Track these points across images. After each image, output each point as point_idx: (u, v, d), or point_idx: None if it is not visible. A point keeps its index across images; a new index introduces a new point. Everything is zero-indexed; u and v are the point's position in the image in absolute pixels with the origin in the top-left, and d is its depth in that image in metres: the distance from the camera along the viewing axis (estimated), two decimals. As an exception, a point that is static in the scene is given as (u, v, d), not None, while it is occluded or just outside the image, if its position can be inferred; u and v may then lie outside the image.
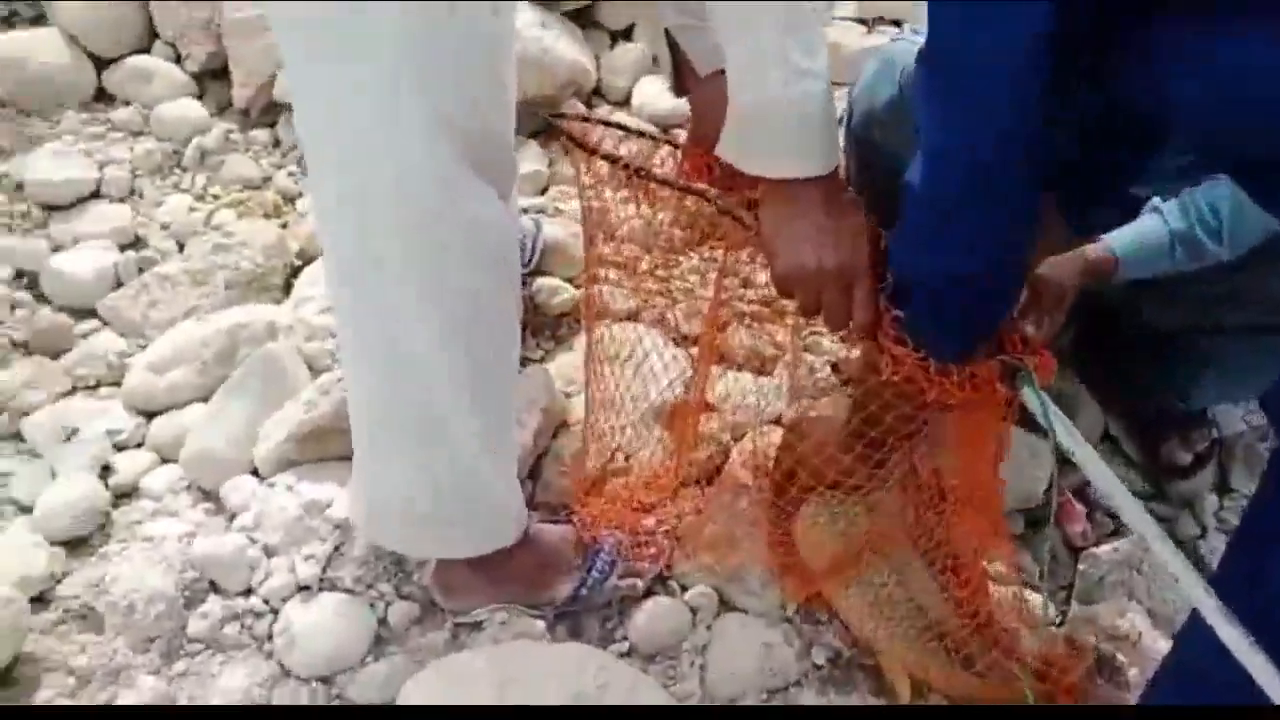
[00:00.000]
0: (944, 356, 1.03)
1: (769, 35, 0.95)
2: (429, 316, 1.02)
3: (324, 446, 1.35)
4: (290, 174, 1.94)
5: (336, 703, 1.18)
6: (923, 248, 0.98)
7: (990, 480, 1.19)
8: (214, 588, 1.26)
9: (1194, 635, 0.97)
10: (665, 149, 1.35)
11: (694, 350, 1.71)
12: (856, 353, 1.61)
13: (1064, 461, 1.03)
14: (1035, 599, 1.39)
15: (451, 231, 1.00)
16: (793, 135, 1.00)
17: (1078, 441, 1.01)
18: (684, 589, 1.34)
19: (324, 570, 1.26)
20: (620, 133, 1.28)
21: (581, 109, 2.01)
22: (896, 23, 2.29)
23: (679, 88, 1.27)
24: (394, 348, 1.04)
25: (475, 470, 1.14)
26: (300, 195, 1.90)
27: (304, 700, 1.16)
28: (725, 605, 1.33)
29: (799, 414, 1.50)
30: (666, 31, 1.21)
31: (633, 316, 1.71)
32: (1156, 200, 1.31)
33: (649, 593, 1.33)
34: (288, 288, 1.74)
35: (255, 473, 1.39)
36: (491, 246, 1.05)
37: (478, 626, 1.26)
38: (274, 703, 1.16)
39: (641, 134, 1.29)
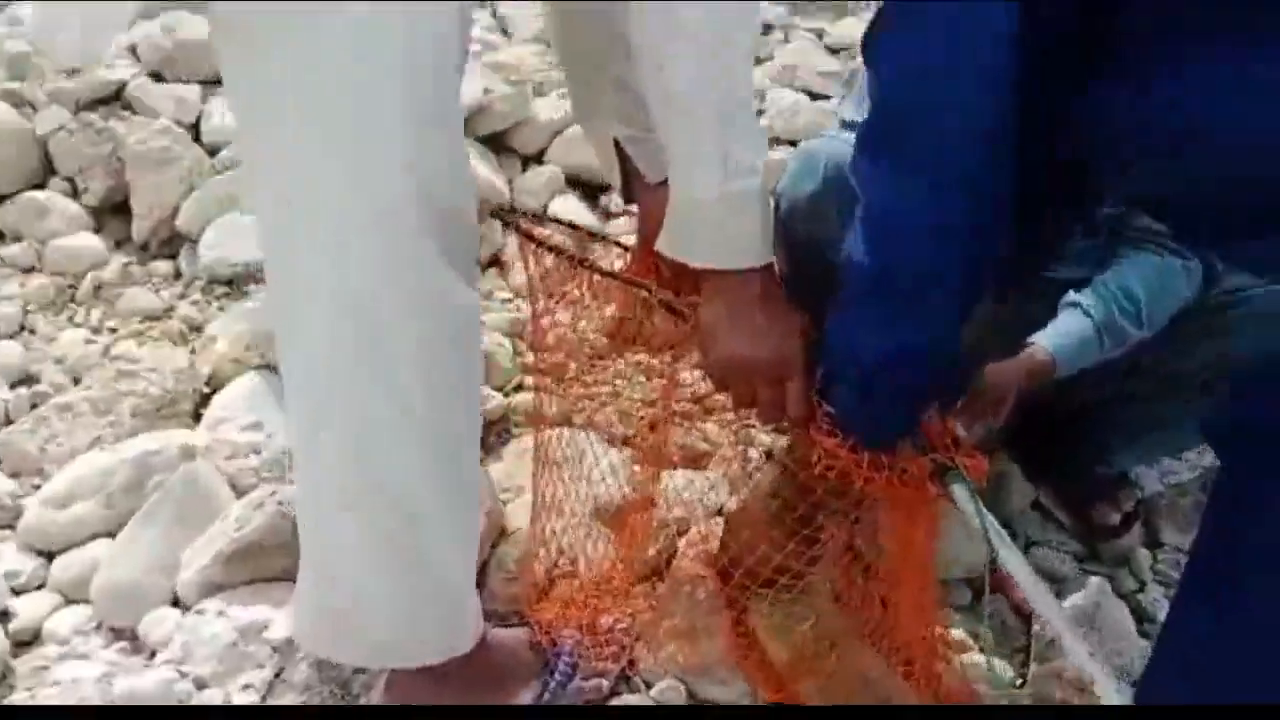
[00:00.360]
0: (876, 439, 1.04)
1: (709, 134, 1.00)
2: (407, 406, 0.98)
3: (256, 567, 1.26)
4: (194, 303, 1.88)
5: (287, 844, 1.07)
6: (862, 321, 1.00)
7: (924, 560, 1.20)
8: (140, 730, 1.14)
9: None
10: (613, 250, 1.38)
11: (628, 450, 1.71)
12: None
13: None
14: (997, 663, 1.40)
15: (435, 319, 0.97)
16: (730, 229, 1.05)
17: (1005, 542, 1.04)
18: (648, 685, 1.28)
19: (264, 699, 1.16)
20: (569, 230, 1.30)
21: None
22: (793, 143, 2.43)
23: (627, 195, 1.30)
24: (368, 441, 0.98)
25: (445, 570, 1.08)
26: (206, 323, 1.84)
27: (251, 844, 1.05)
28: (693, 698, 1.28)
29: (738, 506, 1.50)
30: (615, 142, 1.24)
31: (566, 421, 1.69)
32: (1072, 294, 1.39)
33: (613, 693, 1.27)
34: (197, 416, 1.66)
35: (176, 604, 1.29)
36: (469, 336, 1.02)
37: (437, 747, 1.17)
38: None
39: (591, 234, 1.31)
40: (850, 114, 1.65)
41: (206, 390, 1.70)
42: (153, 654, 1.23)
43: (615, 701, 1.25)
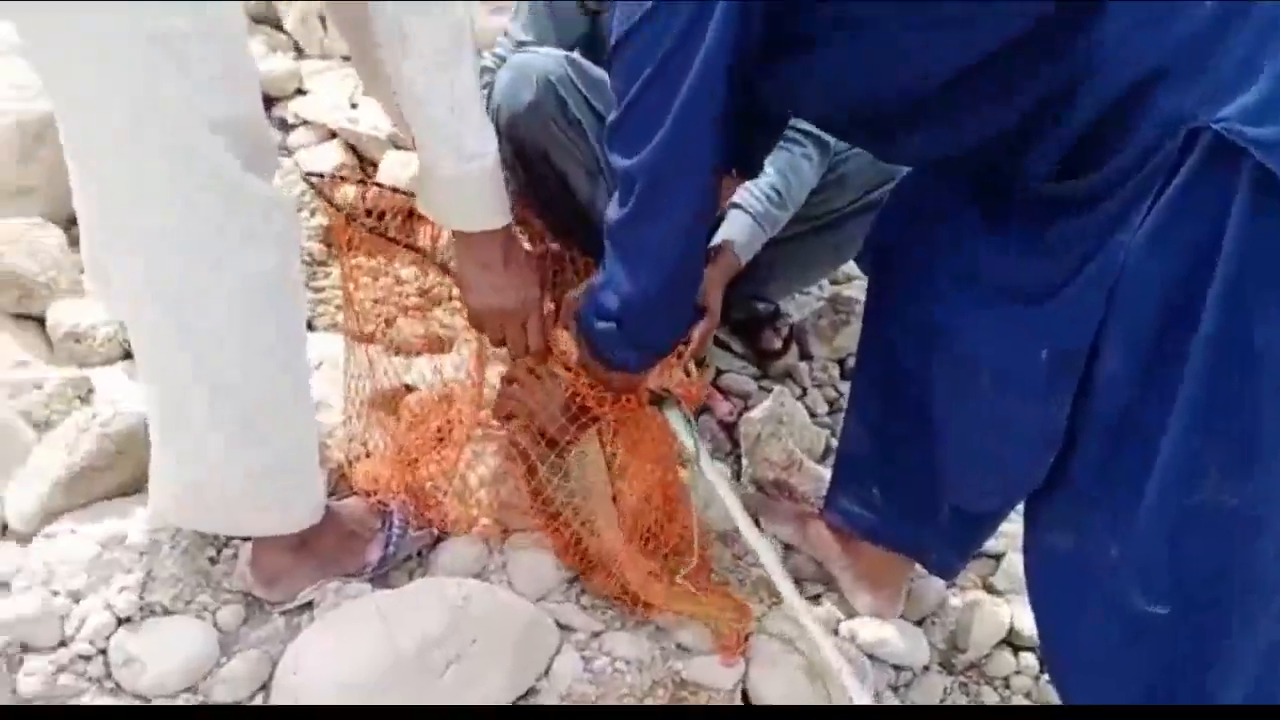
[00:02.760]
0: (632, 368, 1.36)
1: (444, 126, 1.22)
2: (243, 299, 1.12)
3: (91, 487, 1.32)
4: None
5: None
6: (625, 278, 1.25)
7: (658, 453, 1.55)
8: (26, 648, 1.19)
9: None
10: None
11: (370, 347, 1.87)
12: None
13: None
14: (718, 464, 1.80)
15: (243, 215, 1.09)
16: (469, 200, 1.30)
17: (704, 453, 1.45)
18: (467, 528, 1.52)
19: (141, 598, 1.25)
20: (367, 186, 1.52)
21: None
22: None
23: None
24: (212, 333, 1.12)
25: (293, 445, 1.24)
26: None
27: (178, 713, 1.17)
28: (506, 531, 1.54)
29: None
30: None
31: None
32: (735, 198, 1.73)
33: (438, 539, 1.50)
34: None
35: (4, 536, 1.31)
36: (279, 225, 1.15)
37: (307, 607, 1.33)
38: (148, 725, 1.15)
39: (394, 189, 1.53)
40: (519, 34, 1.89)
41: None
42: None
43: (445, 545, 1.48)
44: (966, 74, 1.07)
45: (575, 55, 1.74)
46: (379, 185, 1.56)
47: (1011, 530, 1.74)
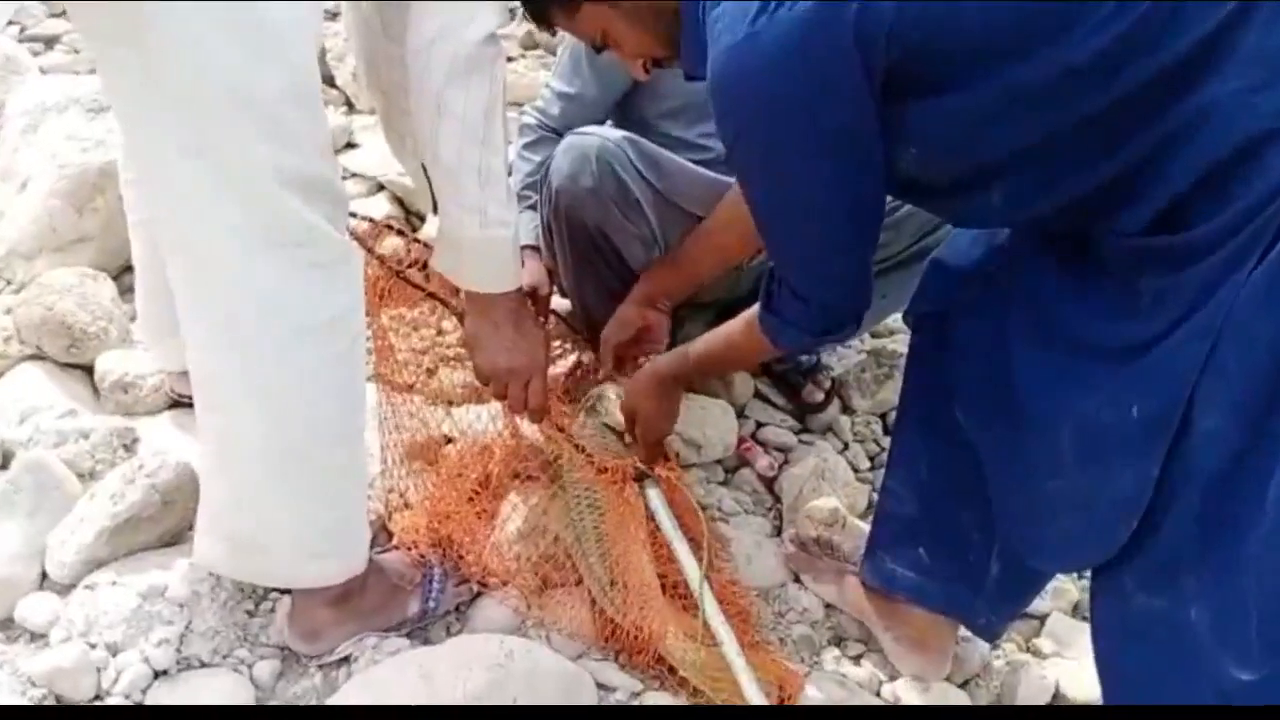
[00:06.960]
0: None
1: (470, 193, 1.27)
2: (309, 346, 1.13)
3: (135, 537, 1.33)
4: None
5: (241, 765, 1.19)
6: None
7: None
8: (62, 701, 1.19)
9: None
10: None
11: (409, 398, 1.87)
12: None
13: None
14: (755, 521, 1.77)
15: (318, 265, 1.11)
16: (487, 264, 1.36)
17: (678, 537, 1.50)
18: (505, 583, 1.51)
19: (178, 651, 1.25)
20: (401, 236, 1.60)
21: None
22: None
23: (435, 207, 1.50)
24: (278, 380, 1.13)
25: (346, 497, 1.25)
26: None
27: (214, 769, 1.16)
28: (545, 584, 1.52)
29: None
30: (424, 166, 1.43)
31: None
32: None
33: (477, 594, 1.48)
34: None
35: (42, 587, 1.32)
36: (349, 275, 1.17)
37: (345, 661, 1.32)
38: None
39: (419, 240, 1.60)
40: (561, 86, 1.90)
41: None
42: (34, 636, 1.26)
43: (483, 600, 1.46)
44: (1072, 127, 1.05)
45: (633, 136, 1.74)
46: (417, 240, 1.58)
47: (1054, 588, 1.70)
